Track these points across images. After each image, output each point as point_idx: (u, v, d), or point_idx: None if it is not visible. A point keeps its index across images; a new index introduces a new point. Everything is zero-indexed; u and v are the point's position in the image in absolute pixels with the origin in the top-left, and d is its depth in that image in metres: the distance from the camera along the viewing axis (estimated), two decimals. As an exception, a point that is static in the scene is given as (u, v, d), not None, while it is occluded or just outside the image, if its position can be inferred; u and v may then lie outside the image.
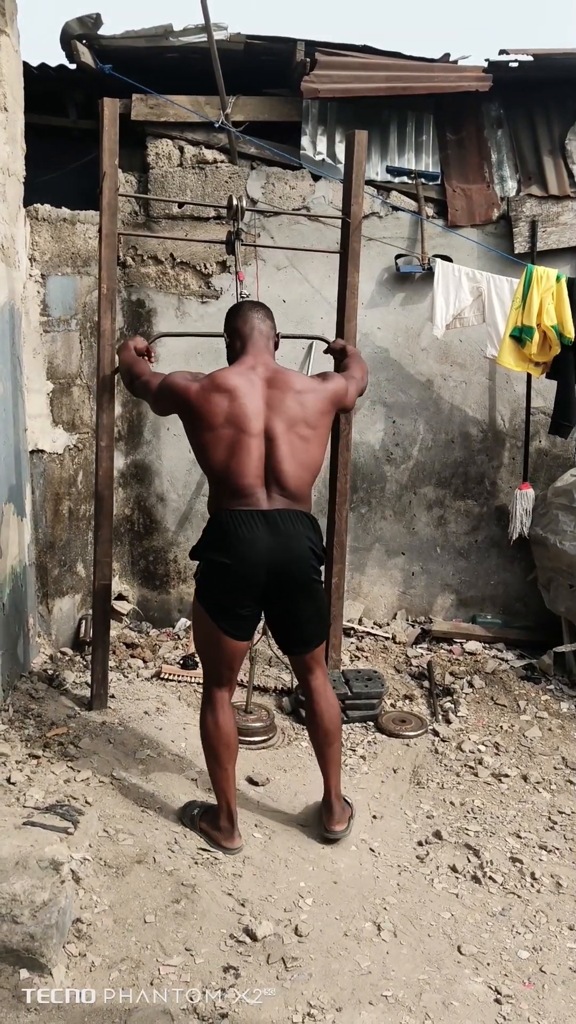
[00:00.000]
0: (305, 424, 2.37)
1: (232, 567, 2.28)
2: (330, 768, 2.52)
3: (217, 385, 2.35)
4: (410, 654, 3.98)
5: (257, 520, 2.29)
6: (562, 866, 2.50)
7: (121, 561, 4.18)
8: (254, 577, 2.29)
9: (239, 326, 2.50)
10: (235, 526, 2.29)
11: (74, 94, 4.01)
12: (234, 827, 2.42)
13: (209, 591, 2.36)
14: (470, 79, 3.73)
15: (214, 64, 3.47)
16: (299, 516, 2.35)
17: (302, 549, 2.33)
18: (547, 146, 4.01)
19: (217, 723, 2.41)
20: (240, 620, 2.36)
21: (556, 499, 3.84)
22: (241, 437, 2.30)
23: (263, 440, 2.32)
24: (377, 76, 3.70)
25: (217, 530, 2.33)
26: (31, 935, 1.87)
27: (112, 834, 2.40)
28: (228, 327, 2.55)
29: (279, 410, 2.34)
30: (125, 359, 2.71)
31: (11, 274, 3.12)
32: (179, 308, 4.03)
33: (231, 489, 2.31)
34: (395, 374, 4.11)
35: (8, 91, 3.02)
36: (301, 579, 2.34)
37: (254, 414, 2.31)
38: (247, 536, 2.28)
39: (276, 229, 3.98)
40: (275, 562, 2.29)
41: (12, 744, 2.76)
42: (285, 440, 2.33)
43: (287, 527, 2.31)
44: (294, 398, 2.36)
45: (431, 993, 1.97)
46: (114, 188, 2.94)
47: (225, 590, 2.32)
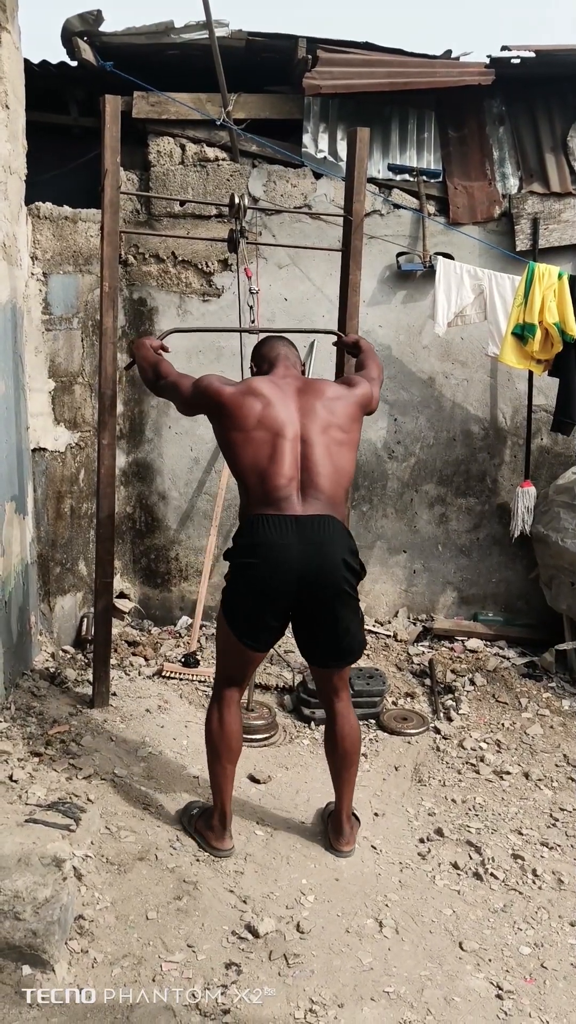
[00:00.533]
0: (339, 429, 2.33)
1: (261, 573, 2.20)
2: (344, 789, 2.46)
3: (252, 389, 2.32)
4: (411, 652, 3.98)
5: (289, 525, 2.21)
6: (563, 863, 2.50)
7: (123, 559, 4.19)
8: (284, 585, 2.21)
9: (266, 353, 2.52)
10: (266, 531, 2.21)
11: (75, 91, 4.01)
12: (226, 828, 2.40)
13: (236, 597, 2.28)
14: (472, 74, 3.73)
15: (215, 61, 3.47)
16: (333, 523, 2.26)
17: (336, 557, 2.23)
18: (549, 143, 4.00)
19: (223, 722, 2.37)
20: (264, 631, 2.28)
21: (558, 497, 3.84)
22: (275, 440, 2.25)
23: (298, 444, 2.27)
24: (379, 72, 3.70)
25: (247, 535, 2.25)
26: (33, 932, 1.88)
27: (114, 831, 2.40)
28: (256, 356, 2.56)
29: (312, 416, 2.30)
30: (147, 358, 2.64)
31: (13, 272, 3.12)
32: (181, 306, 4.03)
33: (263, 493, 2.25)
34: (397, 372, 4.11)
35: (9, 88, 3.02)
36: (334, 588, 2.24)
37: (288, 419, 2.28)
38: (278, 542, 2.20)
39: (278, 227, 3.98)
40: (307, 570, 2.20)
41: (14, 742, 2.77)
42: (320, 445, 2.28)
43: (320, 534, 2.23)
44: (326, 404, 2.33)
45: (433, 989, 1.97)
46: (116, 186, 2.94)
47: (252, 597, 2.24)
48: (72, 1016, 1.81)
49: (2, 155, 2.97)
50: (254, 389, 2.32)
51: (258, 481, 2.26)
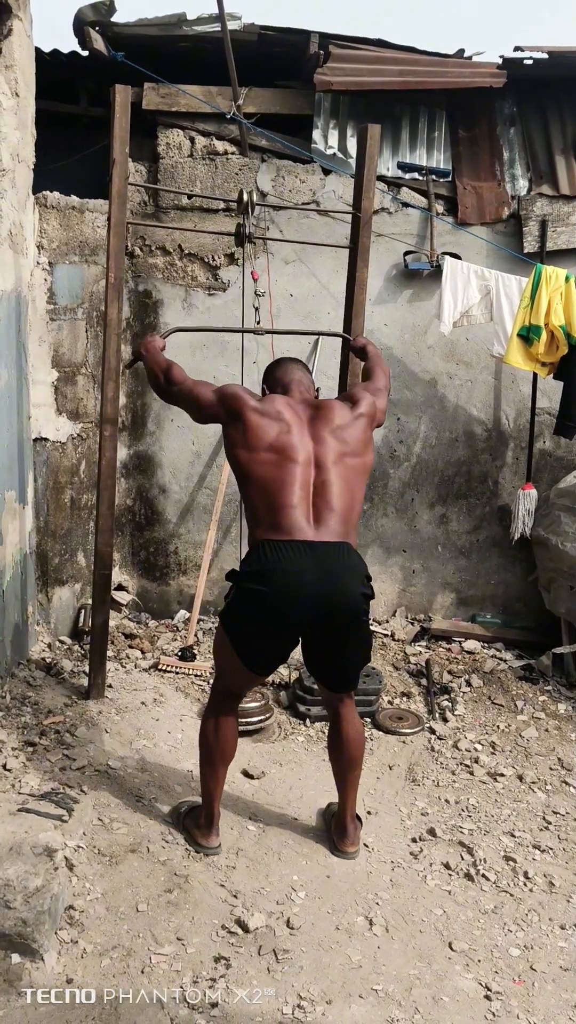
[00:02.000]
0: (352, 455, 2.28)
1: (273, 602, 2.11)
2: (349, 791, 2.44)
3: (271, 411, 2.26)
4: (408, 652, 3.98)
5: (303, 552, 2.13)
6: (555, 866, 2.50)
7: (122, 551, 4.18)
8: (296, 615, 2.13)
9: (280, 376, 2.45)
10: (277, 557, 2.12)
11: (85, 82, 4.00)
12: (212, 826, 2.38)
13: (241, 624, 2.20)
14: (484, 75, 3.72)
15: (227, 54, 3.46)
16: (349, 550, 2.19)
17: (354, 587, 2.16)
18: (559, 145, 3.99)
19: (218, 729, 2.34)
20: (270, 658, 2.24)
21: (559, 500, 3.83)
22: (288, 464, 2.19)
23: (310, 469, 2.22)
24: (390, 70, 3.69)
25: (257, 561, 2.15)
26: (23, 920, 1.88)
27: (106, 823, 2.40)
28: (268, 379, 2.48)
29: (325, 442, 2.25)
30: (158, 362, 2.53)
31: (18, 261, 3.11)
32: (186, 300, 4.02)
33: (273, 517, 2.17)
34: (400, 371, 4.10)
35: (20, 76, 3.01)
36: (350, 618, 2.17)
37: (301, 444, 2.23)
38: (291, 569, 2.10)
39: (285, 223, 3.97)
40: (322, 599, 2.12)
41: (8, 731, 2.77)
42: (333, 471, 2.23)
43: (337, 562, 2.15)
44: (339, 431, 2.28)
45: (421, 988, 1.97)
46: (124, 176, 2.93)
47: (262, 625, 2.16)
48: (60, 1005, 1.81)
49: (11, 143, 2.96)
50: (273, 411, 2.26)
51: (267, 504, 2.18)
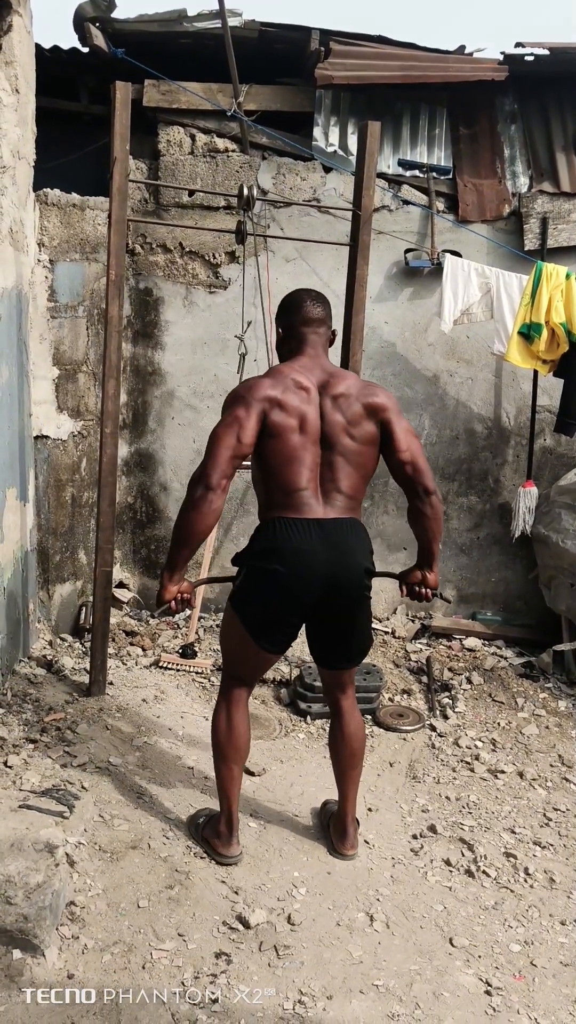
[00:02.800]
0: (360, 427, 2.22)
1: (285, 580, 2.13)
2: (349, 788, 2.43)
3: (282, 403, 2.17)
4: (409, 649, 3.98)
5: (312, 529, 2.15)
6: (556, 862, 2.50)
7: (123, 549, 4.19)
8: (307, 591, 2.15)
9: (296, 323, 2.29)
10: (289, 535, 2.14)
11: (86, 79, 4.00)
12: (233, 834, 2.33)
13: (252, 602, 2.21)
14: (485, 69, 3.71)
15: (228, 51, 3.45)
16: (355, 525, 2.22)
17: (359, 562, 2.19)
18: (560, 142, 3.99)
19: (231, 722, 2.30)
20: (281, 636, 2.24)
21: (559, 498, 3.83)
22: (297, 442, 2.16)
23: (318, 446, 2.19)
24: (391, 65, 3.68)
25: (269, 539, 2.17)
26: (24, 916, 1.88)
27: (107, 819, 2.40)
28: (283, 320, 2.33)
29: (333, 415, 2.20)
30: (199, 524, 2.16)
31: (19, 258, 3.11)
32: (187, 297, 4.02)
33: (283, 496, 2.17)
34: (401, 369, 4.10)
35: (20, 72, 3.01)
36: (355, 594, 2.21)
37: (310, 419, 2.19)
38: (303, 547, 2.13)
39: (286, 220, 3.97)
40: (330, 575, 2.15)
41: (10, 728, 2.77)
42: (340, 445, 2.20)
43: (344, 538, 2.18)
44: (348, 402, 2.21)
45: (422, 983, 1.98)
46: (124, 173, 2.93)
47: (273, 603, 2.18)
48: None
49: (11, 140, 2.96)
50: (284, 402, 2.16)
51: (277, 483, 2.18)
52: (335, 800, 2.52)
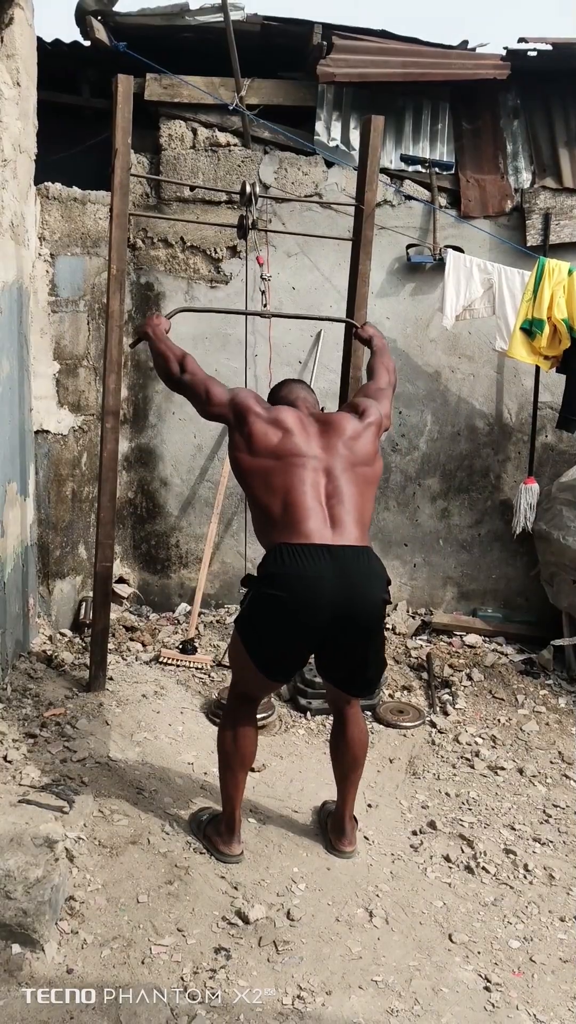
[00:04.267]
0: (363, 465, 2.26)
1: (291, 608, 2.06)
2: (349, 791, 2.42)
3: (277, 419, 2.24)
4: (410, 645, 3.98)
5: (322, 556, 2.08)
6: (555, 858, 2.50)
7: (123, 544, 4.18)
8: (316, 620, 2.07)
9: (284, 395, 2.44)
10: (296, 562, 2.07)
11: (87, 72, 3.98)
12: (234, 833, 2.33)
13: (259, 629, 2.15)
14: (488, 67, 3.70)
15: (230, 45, 3.44)
16: (370, 555, 2.16)
17: (376, 595, 2.13)
18: (563, 137, 3.97)
19: (236, 738, 2.28)
20: (288, 665, 2.20)
21: (561, 494, 3.83)
22: (299, 470, 2.17)
23: (322, 476, 2.19)
24: (394, 61, 3.67)
25: (277, 565, 2.10)
26: (24, 911, 1.88)
27: (107, 815, 2.40)
28: (273, 398, 2.46)
29: (335, 453, 2.23)
30: (170, 347, 2.46)
31: (20, 252, 3.10)
32: (188, 292, 4.01)
33: (288, 520, 2.13)
34: (403, 365, 4.09)
35: (21, 66, 3.00)
36: (370, 624, 2.14)
37: (311, 452, 2.21)
38: (310, 574, 2.06)
39: (288, 215, 3.96)
40: (343, 605, 2.08)
41: (9, 723, 2.77)
42: (345, 480, 2.20)
43: (358, 567, 2.11)
44: (347, 443, 2.26)
45: (421, 979, 1.98)
46: (126, 167, 2.92)
47: (280, 632, 2.11)
48: (61, 995, 1.81)
49: (12, 133, 2.94)
50: (279, 419, 2.24)
51: (282, 508, 2.14)
52: (334, 800, 2.52)
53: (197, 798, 2.59)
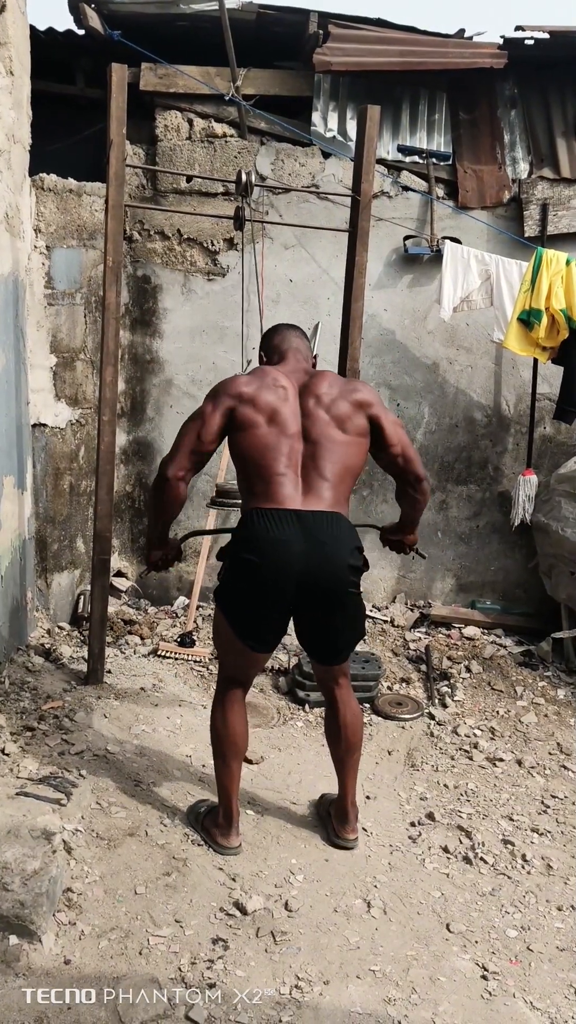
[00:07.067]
0: (347, 423, 2.22)
1: (261, 571, 2.11)
2: (348, 776, 2.42)
3: (255, 396, 2.21)
4: (408, 637, 3.98)
5: (290, 520, 2.13)
6: (553, 849, 2.51)
7: (121, 538, 4.18)
8: (283, 583, 2.12)
9: (277, 344, 2.41)
10: (266, 526, 2.12)
11: (82, 61, 3.96)
12: (231, 825, 2.33)
13: (233, 597, 2.20)
14: (485, 56, 3.67)
15: (225, 34, 3.41)
16: (337, 519, 2.17)
17: (341, 559, 2.15)
18: (561, 127, 3.95)
19: (227, 721, 2.30)
20: (265, 633, 2.21)
21: (559, 486, 3.82)
22: (277, 435, 2.17)
23: (299, 440, 2.20)
24: (391, 51, 3.64)
25: (246, 530, 2.16)
26: (21, 902, 1.88)
27: (105, 807, 2.40)
28: (265, 345, 2.44)
29: (317, 412, 2.22)
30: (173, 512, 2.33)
31: (15, 244, 3.09)
32: (185, 285, 4.00)
33: (261, 487, 2.17)
34: (400, 356, 4.08)
35: (14, 54, 2.97)
36: (336, 588, 2.16)
37: (292, 416, 2.20)
38: (277, 537, 2.10)
39: (284, 206, 3.94)
40: (308, 569, 2.11)
41: (7, 716, 2.77)
42: (324, 440, 2.20)
43: (324, 530, 2.13)
44: (333, 400, 2.22)
45: (418, 969, 1.98)
46: (121, 158, 2.90)
47: (251, 597, 2.16)
48: (59, 985, 1.81)
49: (6, 123, 2.92)
50: (258, 395, 2.21)
51: (256, 474, 2.18)
52: (332, 793, 2.52)
53: (195, 790, 2.59)
